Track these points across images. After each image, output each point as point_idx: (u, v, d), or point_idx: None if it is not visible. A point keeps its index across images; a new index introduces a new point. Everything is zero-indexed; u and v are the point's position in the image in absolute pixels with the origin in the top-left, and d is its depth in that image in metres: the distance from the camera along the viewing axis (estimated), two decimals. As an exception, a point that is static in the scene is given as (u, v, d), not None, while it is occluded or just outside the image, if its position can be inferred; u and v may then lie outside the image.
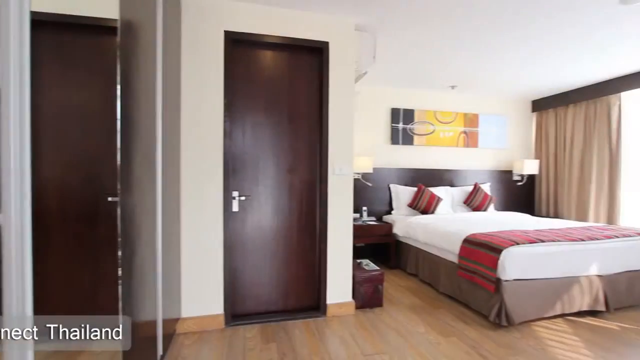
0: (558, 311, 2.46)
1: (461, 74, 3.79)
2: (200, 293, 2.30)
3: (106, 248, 1.99)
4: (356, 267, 2.82)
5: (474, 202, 4.33)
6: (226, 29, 2.29)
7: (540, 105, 4.89)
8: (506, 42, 2.92)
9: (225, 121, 2.30)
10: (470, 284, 2.60)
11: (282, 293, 2.51)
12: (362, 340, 2.17)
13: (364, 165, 3.88)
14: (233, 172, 2.38)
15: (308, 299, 2.57)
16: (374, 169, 4.17)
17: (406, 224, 3.65)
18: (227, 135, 2.32)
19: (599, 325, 2.41)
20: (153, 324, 1.70)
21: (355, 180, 4.08)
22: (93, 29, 1.98)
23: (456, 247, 2.74)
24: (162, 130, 1.72)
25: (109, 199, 1.81)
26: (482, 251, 2.46)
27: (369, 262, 2.95)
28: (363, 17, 2.49)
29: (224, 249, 2.32)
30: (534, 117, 5.06)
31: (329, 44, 2.47)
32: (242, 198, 2.39)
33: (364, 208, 4.10)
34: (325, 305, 2.53)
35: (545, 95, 4.75)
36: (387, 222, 3.95)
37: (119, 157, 1.24)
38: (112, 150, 1.28)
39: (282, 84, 2.48)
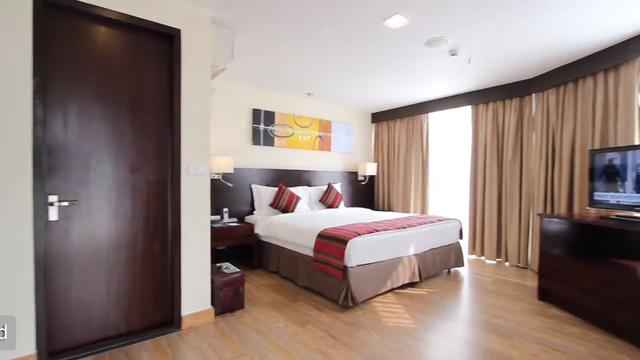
0: (389, 287, 2.99)
1: (315, 82, 4.14)
2: (-5, 333, 1.71)
3: None
4: (215, 271, 2.68)
5: (328, 200, 4.80)
6: (37, -12, 1.79)
7: (377, 117, 5.87)
8: (346, 61, 3.37)
9: (35, 105, 1.79)
10: (323, 274, 2.87)
11: (125, 312, 2.15)
12: (222, 347, 2.08)
13: (224, 165, 3.75)
14: (50, 171, 1.88)
15: (159, 315, 2.28)
16: (235, 169, 4.09)
17: (267, 223, 3.72)
18: (40, 123, 1.81)
19: (415, 293, 3.07)
20: None
21: (215, 181, 3.91)
22: None
23: (312, 242, 2.98)
24: None
25: None
26: (333, 243, 2.75)
27: (229, 265, 2.86)
28: (220, 10, 2.39)
29: (36, 269, 1.80)
30: (373, 127, 6.03)
31: (181, 32, 2.27)
32: (65, 203, 1.92)
33: (225, 209, 3.96)
34: (179, 317, 2.30)
35: (381, 110, 5.74)
36: (249, 223, 3.93)
37: None
38: None
39: (123, 69, 2.12)
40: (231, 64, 3.36)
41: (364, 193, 5.80)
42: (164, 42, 2.26)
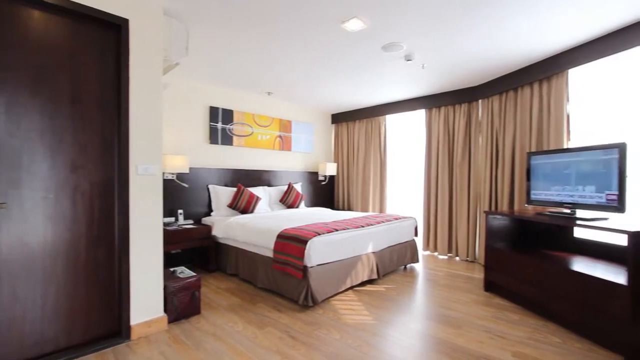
0: (348, 285, 3.05)
1: (275, 81, 4.10)
2: None
3: None
4: (169, 276, 2.55)
5: (288, 200, 4.78)
6: (-45, -38, 1.58)
7: (337, 118, 5.96)
8: (306, 61, 3.38)
9: (-47, 96, 1.58)
10: (283, 274, 2.84)
11: (65, 325, 1.96)
12: (175, 356, 1.98)
13: (179, 164, 3.58)
14: (-29, 170, 1.67)
15: (105, 326, 2.11)
16: (191, 168, 3.92)
17: (226, 225, 3.61)
18: (-41, 116, 1.60)
19: (373, 290, 3.16)
20: None
21: (169, 181, 3.72)
22: None
23: (271, 242, 2.94)
24: None
25: None
26: (292, 244, 2.74)
27: (184, 269, 2.74)
28: (172, 0, 2.28)
29: (-47, 282, 1.59)
30: (333, 127, 6.11)
31: (129, 22, 2.12)
32: (-9, 207, 1.71)
33: (180, 211, 3.79)
34: (128, 327, 2.15)
35: (341, 111, 5.83)
36: (206, 225, 3.79)
37: None
38: None
39: (63, 59, 1.94)
40: (186, 59, 3.24)
41: (325, 193, 5.86)
42: (110, 31, 2.10)
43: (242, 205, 4.09)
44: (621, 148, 2.22)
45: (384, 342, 2.17)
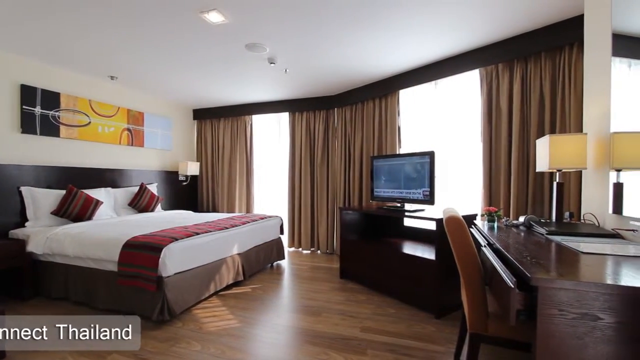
0: (212, 290, 2.89)
1: (121, 65, 3.50)
2: None
3: None
4: (-53, 316, 1.82)
5: (140, 203, 4.16)
6: None
7: (200, 114, 5.57)
8: (161, 46, 3.03)
9: None
10: (132, 289, 2.45)
11: None
12: None
13: (-32, 160, 2.62)
14: None
15: None
16: (-10, 166, 2.93)
17: (49, 237, 2.84)
18: None
19: (240, 292, 3.10)
20: None
21: (-51, 183, 2.69)
22: None
23: (116, 254, 2.49)
24: None
25: None
26: (144, 253, 2.39)
27: (-23, 301, 2.01)
28: None
29: None
30: (195, 124, 5.68)
31: None
32: None
33: (-30, 224, 2.77)
34: None
35: (204, 107, 5.47)
36: (16, 239, 2.90)
37: None
38: None
39: None
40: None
41: (186, 194, 5.38)
42: None
43: (75, 212, 3.32)
44: (431, 155, 2.88)
45: (248, 343, 2.16)
